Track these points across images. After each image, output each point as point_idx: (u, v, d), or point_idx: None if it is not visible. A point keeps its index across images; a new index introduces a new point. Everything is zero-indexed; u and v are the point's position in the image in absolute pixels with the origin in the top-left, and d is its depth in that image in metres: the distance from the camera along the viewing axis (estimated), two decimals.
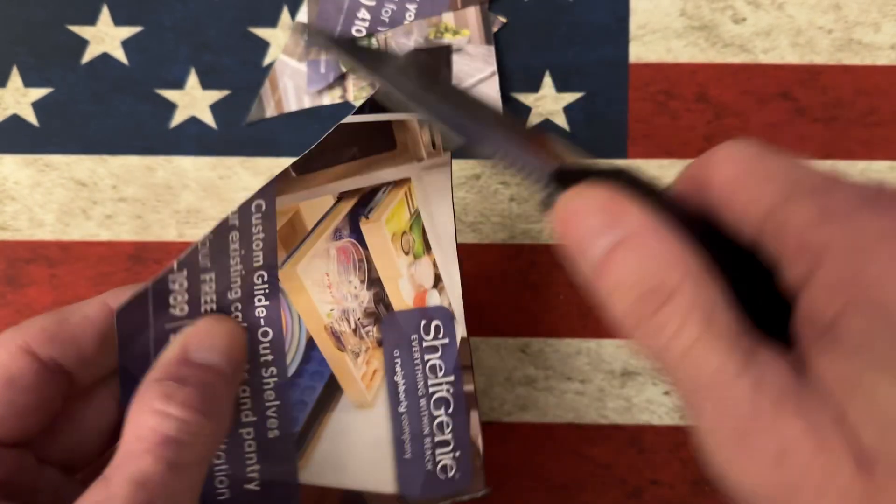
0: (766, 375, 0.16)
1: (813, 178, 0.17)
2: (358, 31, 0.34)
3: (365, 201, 0.25)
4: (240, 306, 0.24)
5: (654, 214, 0.17)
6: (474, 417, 0.26)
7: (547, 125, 0.34)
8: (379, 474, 0.25)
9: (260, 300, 0.24)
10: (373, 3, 0.34)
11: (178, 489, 0.20)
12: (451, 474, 0.26)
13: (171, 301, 0.23)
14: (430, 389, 0.26)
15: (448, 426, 0.26)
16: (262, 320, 0.24)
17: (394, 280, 0.26)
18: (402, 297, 0.26)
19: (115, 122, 0.34)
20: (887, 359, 0.14)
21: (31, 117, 0.34)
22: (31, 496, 0.22)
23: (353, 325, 0.25)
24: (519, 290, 0.33)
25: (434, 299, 0.26)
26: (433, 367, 0.26)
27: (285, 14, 0.34)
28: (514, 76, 0.34)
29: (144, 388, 0.21)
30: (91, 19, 0.34)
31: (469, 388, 0.26)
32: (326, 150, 0.24)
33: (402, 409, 0.26)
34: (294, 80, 0.34)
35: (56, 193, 0.34)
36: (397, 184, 0.26)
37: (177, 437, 0.20)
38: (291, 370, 0.25)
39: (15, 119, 0.34)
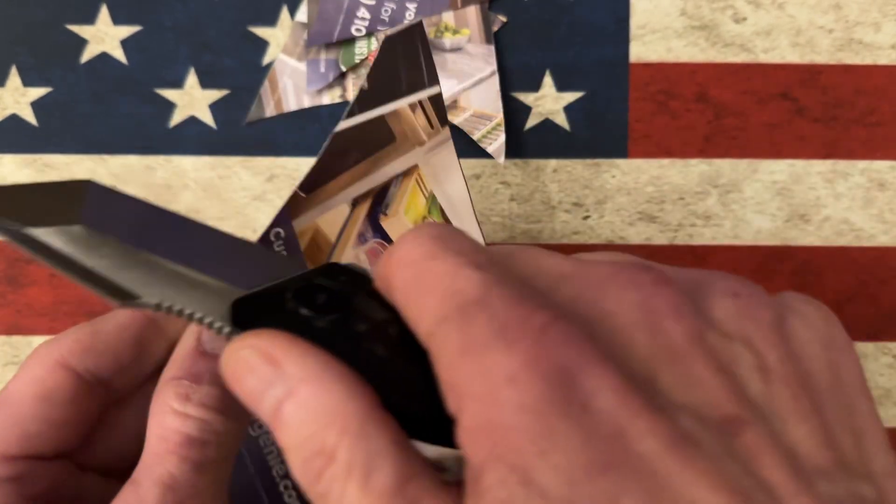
0: None
1: (467, 291, 0.15)
2: (358, 30, 0.34)
3: (379, 199, 0.25)
4: None
5: (318, 357, 0.16)
6: None
7: (547, 125, 0.34)
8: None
9: None
10: (372, 3, 0.34)
11: (206, 486, 0.20)
12: None
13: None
14: None
15: None
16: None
17: None
18: None
19: (114, 122, 0.34)
20: None
21: (30, 117, 0.34)
22: None
23: None
24: None
25: None
26: None
27: (285, 13, 0.34)
28: (515, 75, 0.34)
29: (162, 387, 0.21)
30: (90, 19, 0.34)
31: None
32: (328, 162, 0.24)
33: None
34: (294, 80, 0.34)
35: None
36: (406, 173, 0.26)
37: (199, 437, 0.20)
38: None
39: (14, 119, 0.34)
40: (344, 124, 0.24)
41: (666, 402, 0.14)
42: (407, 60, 0.25)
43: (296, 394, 0.16)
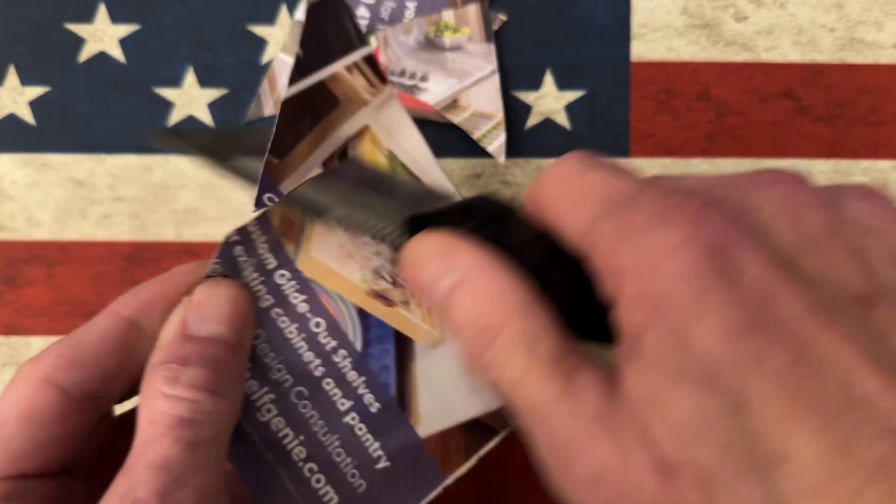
0: (581, 398, 0.17)
1: (621, 193, 0.18)
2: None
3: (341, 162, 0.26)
4: (280, 311, 0.24)
5: (486, 252, 0.19)
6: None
7: (548, 124, 0.33)
8: (483, 395, 0.25)
9: (295, 297, 0.24)
10: (372, 1, 0.34)
11: (200, 466, 0.20)
12: None
13: None
14: None
15: None
16: (307, 314, 0.24)
17: (413, 326, 0.26)
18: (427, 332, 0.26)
19: (112, 121, 0.34)
20: (679, 369, 0.15)
21: (28, 116, 0.34)
22: None
23: (389, 279, 0.25)
24: None
25: None
26: None
27: (284, 12, 0.34)
28: (515, 74, 0.34)
29: (150, 374, 0.21)
30: (88, 18, 0.34)
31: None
32: (287, 128, 0.25)
33: None
34: None
35: (53, 193, 0.33)
36: (359, 135, 0.26)
37: (191, 417, 0.20)
38: (359, 344, 0.25)
39: (12, 118, 0.34)
40: (289, 91, 0.24)
41: (807, 278, 0.16)
42: (332, 26, 0.25)
43: (468, 280, 0.19)
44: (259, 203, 0.24)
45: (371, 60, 0.26)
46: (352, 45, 0.26)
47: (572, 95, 0.34)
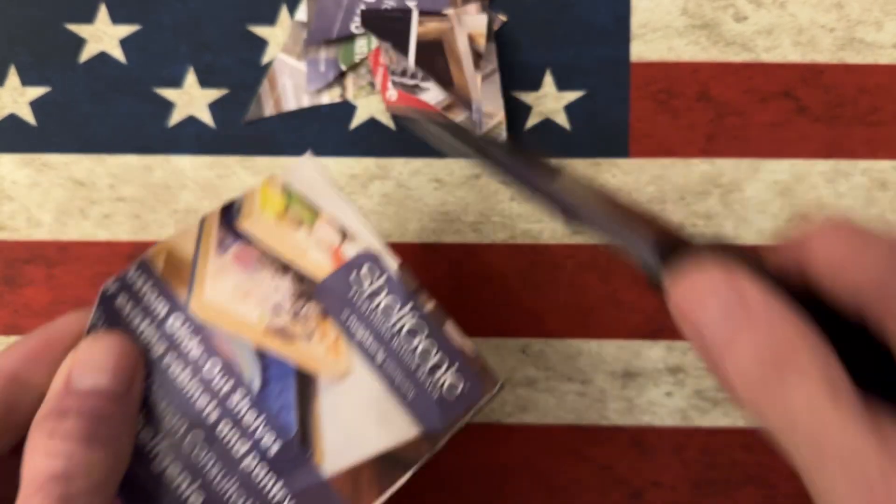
0: (893, 443, 0.16)
1: None
2: (357, 28, 0.34)
3: (228, 206, 0.25)
4: (173, 357, 0.24)
5: (769, 290, 0.18)
6: (450, 328, 0.26)
7: (548, 124, 0.34)
8: (394, 426, 0.25)
9: (189, 341, 0.24)
10: (373, 0, 0.34)
11: None
12: (459, 390, 0.26)
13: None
14: (395, 327, 0.25)
15: (432, 349, 0.25)
16: (201, 358, 0.24)
17: (302, 256, 0.26)
18: (319, 266, 0.25)
19: (113, 122, 0.34)
20: None
21: (28, 116, 0.34)
22: None
23: (290, 314, 0.25)
24: (519, 290, 0.33)
25: (350, 250, 0.26)
26: (386, 308, 0.25)
27: (284, 12, 0.34)
28: (515, 74, 0.34)
29: (33, 428, 0.21)
30: (89, 18, 0.34)
31: (429, 306, 0.26)
32: None
33: (380, 358, 0.25)
34: (293, 79, 0.34)
35: (54, 193, 0.34)
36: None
37: (63, 472, 0.20)
38: (256, 384, 0.24)
39: (13, 118, 0.34)
40: None
41: None
42: None
43: (757, 319, 0.18)
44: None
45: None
46: None
47: (572, 95, 0.34)
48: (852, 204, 0.33)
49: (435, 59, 0.32)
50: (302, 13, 0.34)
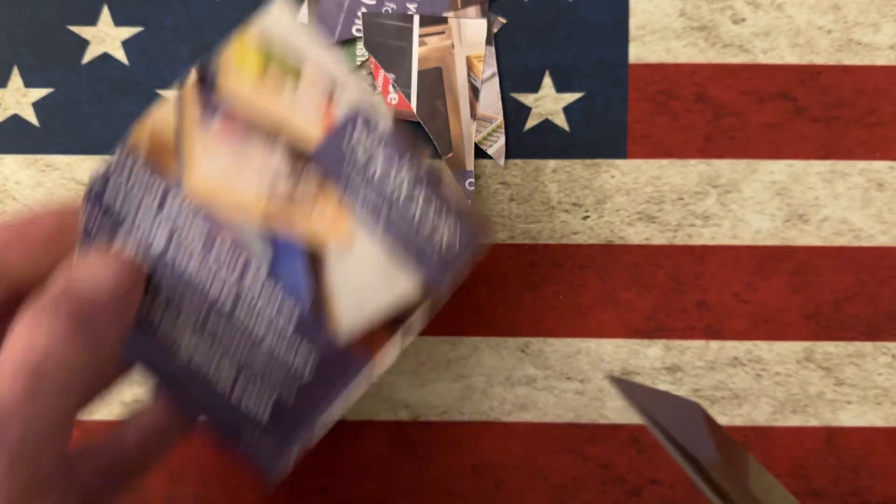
0: None
1: None
2: (358, 30, 0.34)
3: (202, 75, 0.24)
4: (175, 249, 0.24)
5: None
6: (447, 182, 0.25)
7: (547, 125, 0.34)
8: (400, 287, 0.25)
9: (188, 228, 0.24)
10: (373, 2, 0.34)
11: (37, 415, 0.20)
12: (458, 241, 0.26)
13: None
14: (393, 188, 0.25)
15: (430, 205, 0.25)
16: (206, 243, 0.24)
17: (289, 120, 0.24)
18: (309, 131, 0.24)
19: (116, 123, 0.34)
20: None
21: (31, 117, 0.34)
22: None
23: (288, 186, 0.24)
24: (519, 290, 0.34)
25: (340, 108, 0.25)
26: (383, 172, 0.25)
27: None
28: (514, 76, 0.34)
29: (21, 313, 0.21)
30: (92, 20, 0.34)
31: (426, 163, 0.25)
32: None
33: (381, 222, 0.25)
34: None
35: (57, 194, 0.34)
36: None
37: (43, 347, 0.20)
38: (265, 261, 0.24)
39: (16, 119, 0.34)
40: None
41: None
42: None
43: None
44: None
45: None
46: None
47: (571, 97, 0.34)
48: (849, 204, 0.33)
49: (435, 105, 0.31)
50: (303, 15, 0.34)
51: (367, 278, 0.25)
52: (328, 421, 0.25)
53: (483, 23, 0.33)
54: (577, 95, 0.34)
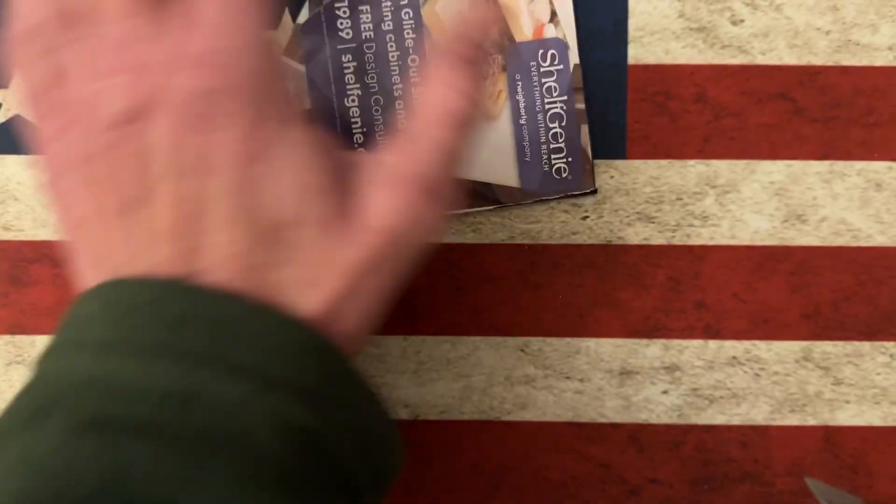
0: None
1: None
2: None
3: None
4: (392, 36, 0.31)
5: None
6: (584, 130, 0.32)
7: None
8: (504, 171, 0.32)
9: (408, 32, 0.31)
10: None
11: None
12: (564, 175, 0.32)
13: (339, 25, 0.32)
14: (547, 106, 0.32)
15: (561, 136, 0.32)
16: (410, 49, 0.31)
17: (515, 15, 0.31)
18: (522, 30, 0.31)
19: None
20: None
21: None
22: None
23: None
24: (519, 290, 0.34)
25: (550, 32, 0.32)
26: (549, 89, 0.32)
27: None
28: None
29: (436, 64, 0.24)
30: None
31: (580, 106, 0.32)
32: None
33: (522, 121, 0.32)
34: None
35: None
36: None
37: (468, 113, 0.24)
38: None
39: (18, 120, 0.34)
40: None
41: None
42: None
43: None
44: None
45: None
46: None
47: None
48: (848, 205, 0.34)
49: None
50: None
51: (486, 148, 0.31)
52: None
53: None
54: None
